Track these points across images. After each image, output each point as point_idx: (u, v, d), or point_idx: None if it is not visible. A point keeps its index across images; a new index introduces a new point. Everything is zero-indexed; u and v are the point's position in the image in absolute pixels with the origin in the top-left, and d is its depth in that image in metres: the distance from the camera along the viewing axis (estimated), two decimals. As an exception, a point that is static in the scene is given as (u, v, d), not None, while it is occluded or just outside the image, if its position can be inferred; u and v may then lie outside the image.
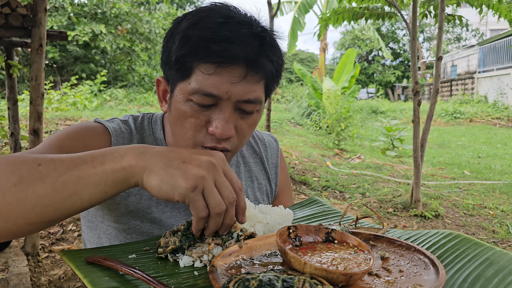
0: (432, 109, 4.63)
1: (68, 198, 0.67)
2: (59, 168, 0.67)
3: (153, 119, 1.08)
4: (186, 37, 0.82)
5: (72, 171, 0.67)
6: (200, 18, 0.83)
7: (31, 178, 0.66)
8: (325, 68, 17.49)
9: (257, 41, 0.82)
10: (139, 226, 0.98)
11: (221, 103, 0.84)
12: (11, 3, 3.11)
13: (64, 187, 0.66)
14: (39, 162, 0.68)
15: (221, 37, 0.79)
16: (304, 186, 5.79)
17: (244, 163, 1.17)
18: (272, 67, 0.87)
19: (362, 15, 5.43)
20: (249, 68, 0.82)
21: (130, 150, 0.71)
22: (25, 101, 8.94)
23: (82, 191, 0.67)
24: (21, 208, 0.65)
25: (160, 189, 0.68)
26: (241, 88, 0.83)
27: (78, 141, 0.93)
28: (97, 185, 0.68)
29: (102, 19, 13.81)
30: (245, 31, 0.81)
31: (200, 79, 0.82)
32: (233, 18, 0.82)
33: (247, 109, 0.87)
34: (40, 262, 3.17)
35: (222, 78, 0.81)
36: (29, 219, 0.66)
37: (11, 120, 3.97)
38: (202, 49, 0.80)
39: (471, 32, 30.98)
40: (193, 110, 0.85)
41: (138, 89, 15.11)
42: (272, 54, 0.86)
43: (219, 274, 0.63)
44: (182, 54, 0.82)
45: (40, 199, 0.65)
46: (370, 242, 0.79)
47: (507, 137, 11.43)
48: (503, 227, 4.39)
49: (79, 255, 0.72)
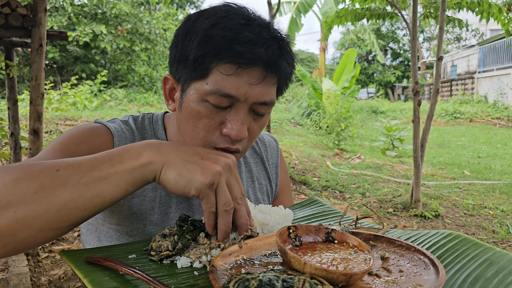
0: (432, 109, 4.63)
1: (91, 199, 0.68)
2: (79, 171, 0.68)
3: (154, 119, 1.08)
4: (208, 36, 0.81)
5: (93, 172, 0.68)
6: (220, 18, 0.82)
7: (53, 184, 0.66)
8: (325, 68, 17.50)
9: (276, 44, 0.83)
10: (141, 229, 0.98)
11: (237, 104, 0.84)
12: (11, 3, 3.11)
13: (86, 189, 0.67)
14: (57, 168, 0.68)
15: (244, 38, 0.79)
16: (304, 186, 5.79)
17: (245, 163, 1.18)
18: (288, 69, 0.88)
19: (363, 16, 5.44)
20: (268, 70, 0.83)
21: (147, 146, 0.73)
22: (25, 101, 8.94)
23: (104, 192, 0.68)
24: (46, 215, 0.65)
25: (177, 183, 0.70)
26: (259, 90, 0.83)
27: (81, 144, 0.93)
28: (118, 184, 0.69)
29: (102, 20, 13.81)
30: (266, 34, 0.82)
31: (218, 80, 0.81)
32: (254, 20, 0.83)
33: (261, 111, 0.87)
34: (40, 262, 3.17)
35: (242, 79, 0.81)
36: (54, 223, 0.66)
37: (11, 120, 3.97)
38: (224, 49, 0.80)
39: (471, 32, 30.98)
40: (208, 111, 0.84)
41: (138, 89, 15.10)
42: (289, 57, 0.87)
43: (219, 274, 0.63)
44: (202, 54, 0.81)
45: (64, 203, 0.66)
46: (370, 242, 0.79)
47: (507, 137, 11.43)
48: (503, 227, 4.39)
49: (79, 255, 0.72)
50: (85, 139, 0.94)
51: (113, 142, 0.98)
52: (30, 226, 0.64)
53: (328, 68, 30.14)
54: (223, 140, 0.87)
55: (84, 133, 0.96)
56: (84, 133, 0.96)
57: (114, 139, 0.98)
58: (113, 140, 0.98)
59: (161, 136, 1.05)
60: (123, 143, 0.99)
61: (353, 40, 30.82)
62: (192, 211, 1.03)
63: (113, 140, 0.98)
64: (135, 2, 14.59)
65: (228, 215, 0.73)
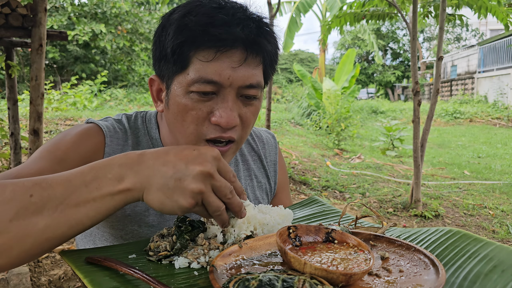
0: (432, 109, 4.63)
1: (70, 227, 0.65)
2: (53, 198, 0.64)
3: (147, 118, 1.05)
4: (182, 25, 0.80)
5: (69, 199, 0.65)
6: (192, 7, 0.82)
7: (27, 212, 0.62)
8: (325, 68, 17.51)
9: (254, 23, 0.81)
10: (137, 231, 0.96)
11: (222, 91, 0.82)
12: (11, 3, 3.12)
13: (64, 217, 0.64)
14: (30, 192, 0.64)
15: (219, 20, 0.78)
16: (304, 186, 5.79)
17: (243, 161, 1.16)
18: (271, 49, 0.85)
19: (363, 17, 5.44)
20: (248, 51, 0.81)
21: (125, 168, 0.68)
22: (25, 101, 8.94)
23: (83, 219, 0.66)
24: (22, 244, 0.62)
25: (163, 209, 0.68)
26: (243, 73, 0.81)
27: (70, 152, 0.89)
28: (98, 210, 0.67)
29: (102, 19, 13.82)
30: (241, 15, 0.81)
31: (199, 68, 0.80)
32: (226, 3, 0.82)
33: (250, 94, 0.84)
34: (40, 262, 3.17)
35: (223, 63, 0.79)
36: (32, 251, 0.64)
37: (11, 120, 3.97)
38: (200, 34, 0.78)
39: (471, 32, 30.99)
40: (193, 102, 0.82)
41: (138, 89, 15.11)
42: (269, 36, 0.85)
43: (219, 274, 0.63)
44: (179, 43, 0.80)
45: (41, 232, 0.63)
46: (370, 242, 0.79)
47: (507, 137, 11.43)
48: (503, 227, 4.39)
49: (79, 255, 0.72)
50: (73, 145, 0.91)
51: (105, 142, 0.96)
52: (6, 255, 0.62)
53: (328, 68, 30.14)
54: (213, 130, 0.84)
55: (72, 138, 0.92)
56: (72, 138, 0.92)
57: (106, 140, 0.96)
58: (105, 140, 0.96)
59: (155, 135, 1.03)
60: (115, 144, 0.97)
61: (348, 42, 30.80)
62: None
63: (104, 140, 0.96)
64: (135, 2, 14.59)
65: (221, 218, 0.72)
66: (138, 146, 1.01)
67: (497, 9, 4.89)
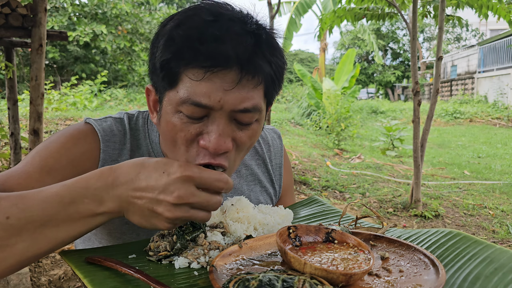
0: (432, 109, 4.63)
1: (52, 245, 0.66)
2: (32, 220, 0.63)
3: (149, 119, 1.00)
4: (170, 39, 0.73)
5: (49, 221, 0.64)
6: (186, 17, 0.74)
7: (6, 234, 0.62)
8: (325, 68, 17.49)
9: (251, 39, 0.72)
10: (135, 239, 0.94)
11: (213, 113, 0.73)
12: (11, 3, 3.12)
13: (45, 237, 0.64)
14: (7, 214, 0.63)
15: (209, 36, 0.69)
16: (304, 186, 5.79)
17: (246, 166, 1.11)
18: (270, 69, 0.75)
19: (363, 16, 5.44)
20: (243, 72, 0.71)
21: (101, 193, 0.67)
22: (25, 101, 8.94)
23: (64, 238, 0.67)
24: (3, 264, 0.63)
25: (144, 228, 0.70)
26: (236, 96, 0.72)
27: (61, 158, 0.86)
28: (79, 230, 0.68)
29: (102, 19, 13.82)
30: (237, 29, 0.71)
31: (188, 87, 0.72)
32: (223, 15, 0.73)
33: (244, 120, 0.76)
34: (40, 262, 3.17)
35: (214, 85, 0.71)
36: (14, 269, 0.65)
37: (11, 120, 3.97)
38: (187, 51, 0.70)
39: (471, 32, 30.98)
40: (182, 123, 0.75)
41: (138, 89, 15.11)
42: (270, 54, 0.75)
43: (219, 274, 0.63)
44: (167, 59, 0.72)
45: (20, 253, 0.63)
46: (370, 242, 0.79)
47: (507, 137, 11.43)
48: (503, 227, 4.39)
49: (79, 255, 0.72)
50: (65, 151, 0.88)
51: (100, 148, 0.92)
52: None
53: (328, 68, 30.13)
54: (202, 155, 0.76)
55: (65, 142, 0.88)
56: (65, 142, 0.88)
57: (101, 145, 0.92)
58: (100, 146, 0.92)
59: (155, 139, 0.99)
60: (111, 148, 0.93)
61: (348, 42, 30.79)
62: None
63: (100, 146, 0.92)
64: (135, 2, 14.59)
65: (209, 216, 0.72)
66: (138, 149, 0.98)
67: (499, 7, 4.87)
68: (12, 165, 4.08)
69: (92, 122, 0.94)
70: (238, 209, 0.86)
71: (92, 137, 0.92)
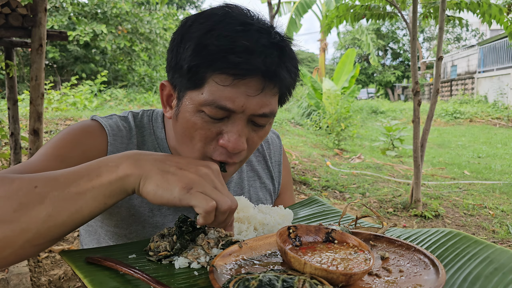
0: (432, 109, 4.63)
1: (70, 216, 0.67)
2: (56, 187, 0.67)
3: (154, 117, 1.04)
4: (201, 46, 0.76)
5: (70, 188, 0.67)
6: (215, 23, 0.78)
7: (31, 202, 0.65)
8: (325, 68, 17.51)
9: (276, 51, 0.78)
10: (141, 231, 0.97)
11: (234, 116, 0.80)
12: (11, 3, 3.12)
13: (64, 205, 0.67)
14: (35, 184, 0.67)
15: (240, 47, 0.74)
16: (304, 186, 5.79)
17: (247, 162, 1.15)
18: (290, 79, 0.82)
19: (363, 16, 5.44)
20: (267, 81, 0.78)
21: (125, 158, 0.71)
22: (25, 101, 8.93)
23: (82, 207, 0.68)
24: (25, 233, 0.65)
25: (155, 194, 0.69)
26: (257, 102, 0.79)
27: (74, 148, 0.90)
28: (96, 198, 0.69)
29: (102, 19, 13.81)
30: (265, 41, 0.77)
31: (214, 90, 0.77)
32: (251, 25, 0.77)
33: (260, 123, 0.83)
34: (40, 262, 3.17)
35: (238, 90, 0.76)
36: (34, 241, 0.66)
37: (11, 120, 3.97)
38: (219, 59, 0.75)
39: (471, 32, 30.98)
40: (203, 122, 0.80)
41: (138, 89, 15.10)
42: (291, 65, 0.82)
43: (219, 274, 0.63)
44: (196, 64, 0.77)
45: (43, 221, 0.65)
46: (370, 242, 0.79)
47: (507, 137, 11.43)
48: (503, 227, 4.39)
49: (79, 255, 0.72)
50: (77, 142, 0.92)
51: (107, 141, 0.96)
52: (10, 246, 0.64)
53: (328, 68, 30.14)
54: (219, 152, 0.83)
55: (77, 135, 0.93)
56: (77, 135, 0.93)
57: (108, 138, 0.96)
58: (107, 139, 0.96)
59: (161, 135, 1.02)
60: (118, 142, 0.97)
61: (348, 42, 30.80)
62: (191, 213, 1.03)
63: (107, 140, 0.96)
64: (136, 2, 14.58)
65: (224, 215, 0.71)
66: (143, 145, 1.01)
67: (501, 17, 4.91)
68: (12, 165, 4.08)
69: (98, 118, 0.98)
70: (238, 209, 0.87)
71: (100, 131, 0.96)
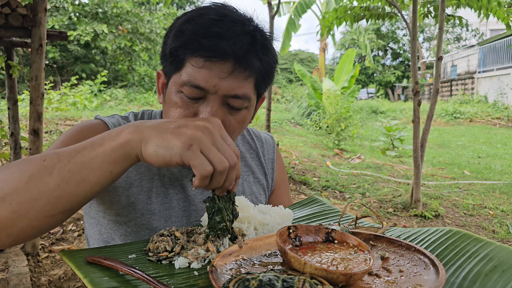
0: (432, 109, 4.63)
1: (77, 184, 0.71)
2: (63, 159, 0.71)
3: (153, 115, 1.12)
4: (180, 31, 0.87)
5: (75, 158, 0.71)
6: (196, 15, 0.88)
7: (40, 173, 0.70)
8: (325, 68, 17.51)
9: (247, 39, 0.86)
10: (139, 219, 1.01)
11: (209, 96, 0.87)
12: (11, 3, 3.11)
13: (70, 175, 0.70)
14: (44, 158, 0.72)
15: (212, 32, 0.83)
16: (304, 186, 5.79)
17: (241, 158, 1.19)
18: (260, 66, 0.89)
19: (363, 16, 5.44)
20: (237, 64, 0.85)
21: (126, 126, 0.75)
22: (25, 101, 8.94)
23: (88, 176, 0.71)
24: (37, 203, 0.69)
25: (157, 155, 0.69)
26: (229, 83, 0.86)
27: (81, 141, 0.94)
28: (100, 166, 0.71)
29: (103, 19, 13.81)
30: (237, 29, 0.85)
31: (190, 72, 0.86)
32: (227, 16, 0.87)
33: (234, 105, 0.89)
34: (40, 262, 3.17)
35: (211, 72, 0.85)
36: (47, 211, 0.70)
37: (11, 120, 3.97)
38: (193, 42, 0.85)
39: (471, 32, 30.97)
40: (183, 101, 0.89)
41: (138, 89, 15.11)
42: (262, 53, 0.89)
43: (219, 274, 0.63)
44: (175, 47, 0.87)
45: (52, 191, 0.70)
46: (370, 242, 0.79)
47: (507, 137, 11.43)
48: (503, 227, 4.39)
49: (79, 255, 0.72)
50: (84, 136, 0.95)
51: None
52: (26, 216, 0.69)
53: (328, 68, 30.14)
54: None
55: (83, 131, 1.00)
56: (83, 131, 1.00)
57: None
58: None
59: None
60: None
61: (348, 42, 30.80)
62: (188, 201, 1.05)
63: None
64: (136, 2, 14.58)
65: (223, 176, 0.71)
66: None
67: (498, 9, 4.90)
68: (12, 165, 4.06)
69: (102, 117, 1.06)
70: (238, 209, 0.87)
71: (104, 128, 1.02)
